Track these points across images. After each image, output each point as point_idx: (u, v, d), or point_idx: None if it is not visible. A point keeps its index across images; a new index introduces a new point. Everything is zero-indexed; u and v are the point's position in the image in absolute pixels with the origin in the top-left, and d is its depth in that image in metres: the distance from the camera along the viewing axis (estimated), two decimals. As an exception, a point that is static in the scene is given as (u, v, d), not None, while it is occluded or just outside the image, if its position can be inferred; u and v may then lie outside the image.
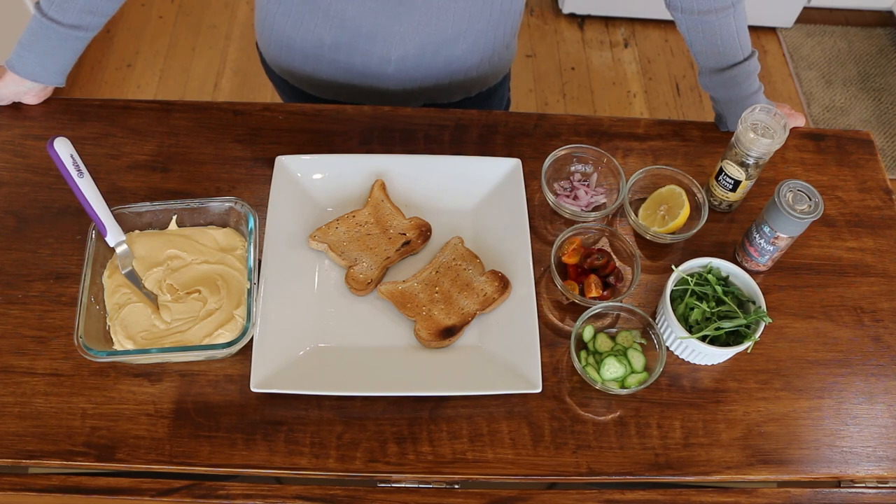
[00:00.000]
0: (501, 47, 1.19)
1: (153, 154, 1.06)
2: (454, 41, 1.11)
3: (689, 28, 1.05)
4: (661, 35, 2.80)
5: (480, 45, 1.14)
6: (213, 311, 0.89)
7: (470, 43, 1.13)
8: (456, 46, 1.12)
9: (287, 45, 1.15)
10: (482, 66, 1.19)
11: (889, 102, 2.65)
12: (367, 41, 1.09)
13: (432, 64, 1.14)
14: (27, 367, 0.88)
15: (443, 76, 1.17)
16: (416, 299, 0.94)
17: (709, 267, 0.95)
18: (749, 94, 1.08)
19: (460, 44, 1.12)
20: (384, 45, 1.09)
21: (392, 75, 1.15)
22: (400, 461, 0.85)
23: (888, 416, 0.91)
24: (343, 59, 1.13)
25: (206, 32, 2.68)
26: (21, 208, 1.00)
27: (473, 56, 1.16)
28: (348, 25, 1.07)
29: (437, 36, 1.09)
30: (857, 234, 1.06)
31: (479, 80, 1.23)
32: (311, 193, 1.02)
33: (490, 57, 1.19)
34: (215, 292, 0.90)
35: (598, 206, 1.06)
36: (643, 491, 0.86)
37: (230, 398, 0.88)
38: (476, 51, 1.15)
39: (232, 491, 0.84)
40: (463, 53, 1.14)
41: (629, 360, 0.90)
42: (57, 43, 1.01)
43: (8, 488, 0.83)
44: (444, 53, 1.13)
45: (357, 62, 1.13)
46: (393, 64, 1.12)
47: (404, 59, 1.12)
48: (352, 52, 1.11)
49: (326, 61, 1.14)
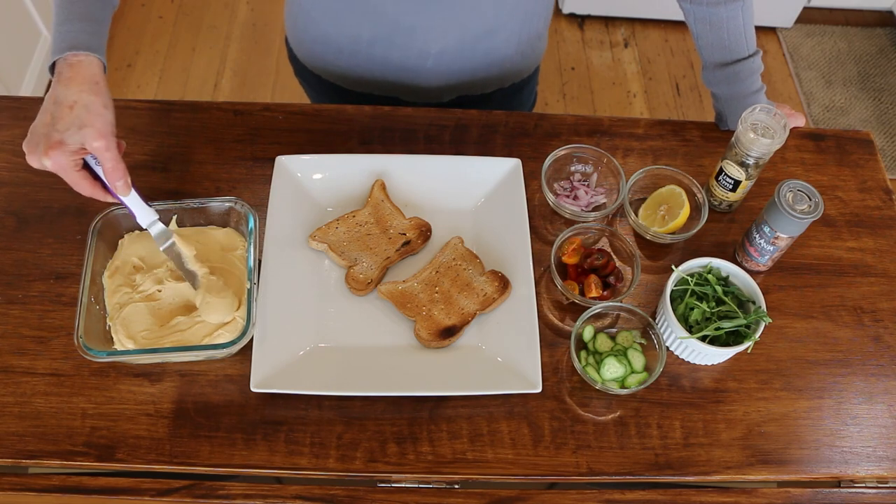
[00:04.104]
0: (535, 38, 1.20)
1: (153, 154, 1.06)
2: (493, 33, 1.11)
3: (696, 20, 1.06)
4: (661, 35, 2.80)
5: (517, 35, 1.14)
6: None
7: (507, 34, 1.13)
8: (494, 38, 1.12)
9: (322, 40, 1.14)
10: (516, 57, 1.19)
11: (889, 102, 2.65)
12: (406, 36, 1.08)
13: (471, 56, 1.13)
14: (27, 367, 0.88)
15: (479, 68, 1.17)
16: (416, 299, 0.94)
17: (709, 267, 0.95)
18: (751, 93, 1.08)
19: (499, 35, 1.12)
20: (423, 39, 1.09)
21: (430, 69, 1.14)
22: (400, 461, 0.85)
23: (888, 416, 0.91)
24: (380, 53, 1.12)
25: (206, 32, 2.68)
26: (21, 208, 1.00)
27: (510, 47, 1.16)
28: (387, 20, 1.06)
29: (476, 28, 1.09)
30: (857, 234, 1.06)
31: (513, 72, 1.23)
32: (311, 193, 1.02)
33: (525, 48, 1.19)
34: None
35: (598, 206, 1.06)
36: (643, 491, 0.86)
37: (230, 398, 0.88)
38: (512, 42, 1.15)
39: (232, 491, 0.84)
40: (500, 45, 1.14)
41: (629, 360, 0.90)
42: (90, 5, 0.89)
43: (8, 488, 0.83)
44: (483, 46, 1.12)
45: (395, 57, 1.12)
46: (432, 58, 1.12)
47: (443, 54, 1.11)
48: (390, 47, 1.11)
49: (363, 56, 1.13)
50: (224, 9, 2.75)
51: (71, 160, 0.81)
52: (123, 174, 0.84)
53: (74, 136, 0.80)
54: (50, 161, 0.80)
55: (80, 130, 0.80)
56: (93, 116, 0.81)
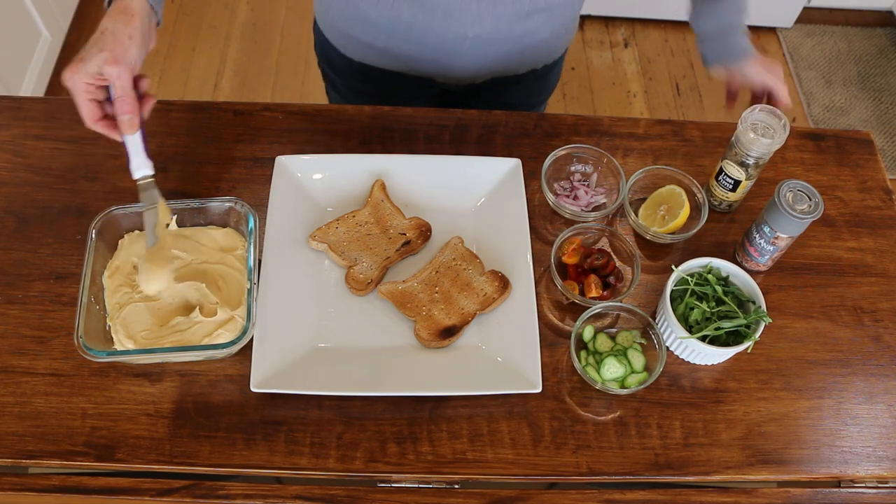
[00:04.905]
0: (570, 20, 1.20)
1: (153, 154, 1.05)
2: (529, 17, 1.11)
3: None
4: (661, 35, 2.80)
5: (553, 17, 1.14)
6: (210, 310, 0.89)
7: (544, 18, 1.13)
8: (530, 22, 1.12)
9: (361, 20, 1.14)
10: (551, 39, 1.19)
11: (889, 102, 2.65)
12: (444, 20, 1.08)
13: (507, 39, 1.13)
14: (27, 367, 0.88)
15: (514, 51, 1.17)
16: (416, 299, 0.94)
17: (709, 267, 0.95)
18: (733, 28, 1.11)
19: (535, 19, 1.12)
20: (461, 23, 1.09)
21: (466, 52, 1.14)
22: (400, 461, 0.85)
23: (888, 416, 0.91)
24: (418, 35, 1.12)
25: (206, 32, 2.68)
26: (21, 208, 1.00)
27: (546, 29, 1.16)
28: (426, 4, 1.07)
29: (512, 13, 1.08)
30: (857, 234, 1.06)
31: (546, 54, 1.23)
32: (311, 193, 1.02)
33: (560, 30, 1.19)
34: (215, 292, 0.90)
35: (598, 206, 1.06)
36: (643, 491, 0.86)
37: (230, 398, 0.88)
38: (549, 24, 1.15)
39: (232, 491, 0.84)
40: (536, 28, 1.14)
41: (629, 360, 0.90)
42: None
43: (8, 488, 0.83)
44: (519, 29, 1.12)
45: (432, 40, 1.12)
46: (469, 41, 1.12)
47: (479, 38, 1.11)
48: (428, 31, 1.11)
49: (401, 37, 1.13)
50: (224, 9, 2.75)
51: (84, 83, 0.82)
52: (131, 109, 0.84)
53: (93, 59, 0.81)
54: (68, 79, 0.82)
55: (98, 53, 0.81)
56: (114, 43, 0.82)
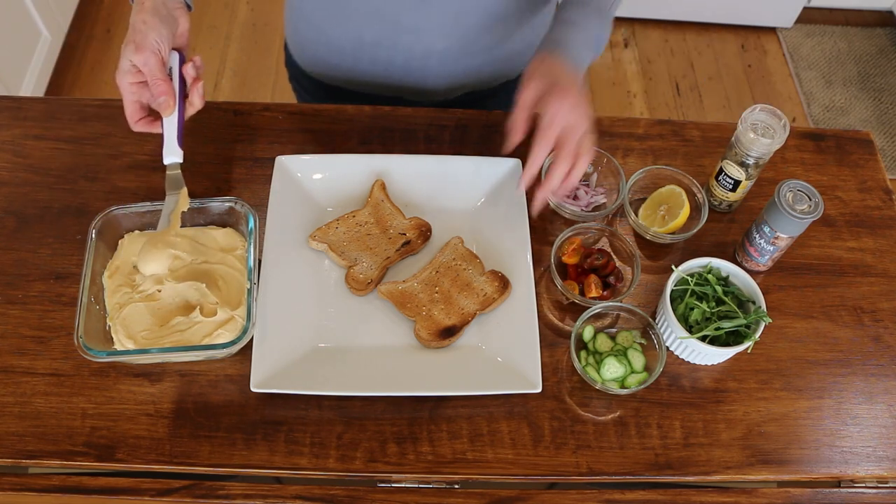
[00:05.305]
0: (544, 27, 1.16)
1: (153, 154, 1.06)
2: (497, 27, 1.09)
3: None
4: (661, 35, 2.80)
5: (523, 27, 1.12)
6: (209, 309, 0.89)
7: (513, 27, 1.11)
8: (498, 31, 1.10)
9: (325, 42, 1.13)
10: (524, 48, 1.17)
11: (889, 102, 2.65)
12: (409, 36, 1.07)
13: (476, 52, 1.12)
14: (27, 367, 0.88)
15: (485, 63, 1.15)
16: (416, 299, 0.94)
17: (709, 267, 0.95)
18: (573, 23, 0.97)
19: (502, 28, 1.10)
20: (426, 38, 1.07)
21: (434, 68, 1.13)
22: (400, 461, 0.85)
23: (888, 416, 0.91)
24: (384, 55, 1.11)
25: (206, 32, 2.68)
26: (21, 208, 1.00)
27: (516, 41, 1.14)
28: (388, 21, 1.05)
29: (479, 24, 1.07)
30: (857, 234, 1.06)
31: (521, 63, 1.19)
32: (311, 193, 1.02)
33: (534, 38, 1.16)
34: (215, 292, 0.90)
35: (598, 206, 1.06)
36: (643, 491, 0.86)
37: (230, 398, 0.88)
38: (518, 34, 1.13)
39: (232, 491, 0.84)
40: (506, 38, 1.12)
41: (629, 360, 0.90)
42: None
43: (8, 488, 0.83)
44: (487, 39, 1.10)
45: (398, 58, 1.11)
46: (436, 56, 1.10)
47: (447, 52, 1.10)
48: (393, 48, 1.10)
49: (366, 58, 1.12)
50: (224, 9, 2.75)
51: (128, 83, 0.85)
52: (162, 91, 0.85)
53: (123, 55, 0.84)
54: (117, 82, 0.86)
55: (125, 47, 0.84)
56: (133, 33, 0.84)
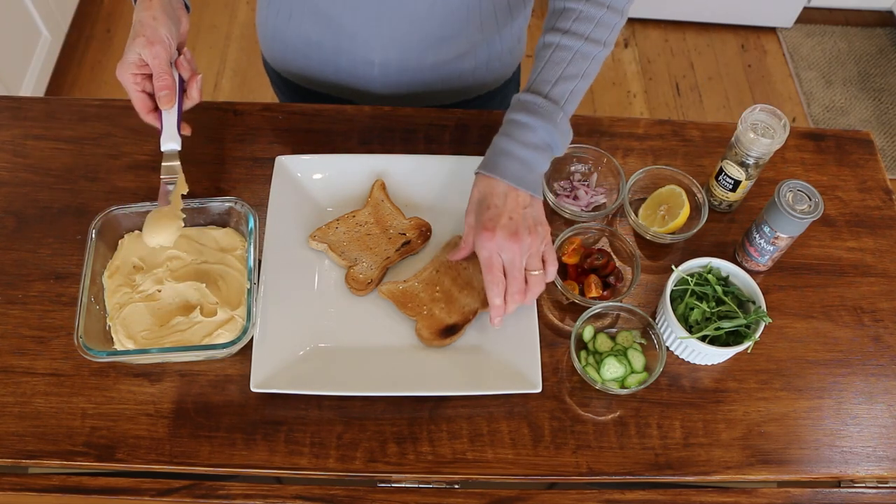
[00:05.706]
0: (499, 52, 1.14)
1: (153, 154, 1.06)
2: (440, 46, 1.07)
3: None
4: (661, 35, 2.80)
5: (473, 49, 1.10)
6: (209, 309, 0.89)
7: (460, 48, 1.09)
8: (443, 51, 1.08)
9: (281, 39, 1.14)
10: (478, 71, 1.15)
11: (889, 102, 2.65)
12: (350, 41, 1.06)
13: (418, 68, 1.10)
14: (27, 367, 0.88)
15: (432, 81, 1.13)
16: (416, 298, 0.94)
17: (709, 267, 0.95)
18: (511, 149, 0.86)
19: (447, 49, 1.08)
20: (366, 47, 1.06)
21: (377, 78, 1.12)
22: (400, 461, 0.85)
23: (888, 416, 0.91)
24: (330, 57, 1.11)
25: (206, 32, 2.68)
26: (21, 208, 1.00)
27: (466, 61, 1.12)
28: (332, 24, 1.05)
29: (418, 38, 1.05)
30: (857, 234, 1.06)
31: (476, 86, 1.18)
32: (311, 193, 1.02)
33: (487, 62, 1.14)
34: (215, 292, 0.90)
35: (598, 206, 1.06)
36: (643, 491, 0.86)
37: (230, 398, 0.88)
38: (469, 56, 1.11)
39: (232, 491, 0.84)
40: (452, 58, 1.10)
41: (629, 360, 0.90)
42: None
43: (8, 488, 0.83)
44: (432, 58, 1.09)
45: (343, 62, 1.11)
46: (377, 67, 1.10)
47: (387, 64, 1.09)
48: (337, 51, 1.09)
49: (315, 59, 1.12)
50: (224, 9, 2.75)
51: (131, 75, 0.86)
52: (166, 85, 0.87)
53: (131, 48, 0.86)
54: (118, 76, 0.87)
55: (133, 41, 0.86)
56: (143, 28, 0.86)
